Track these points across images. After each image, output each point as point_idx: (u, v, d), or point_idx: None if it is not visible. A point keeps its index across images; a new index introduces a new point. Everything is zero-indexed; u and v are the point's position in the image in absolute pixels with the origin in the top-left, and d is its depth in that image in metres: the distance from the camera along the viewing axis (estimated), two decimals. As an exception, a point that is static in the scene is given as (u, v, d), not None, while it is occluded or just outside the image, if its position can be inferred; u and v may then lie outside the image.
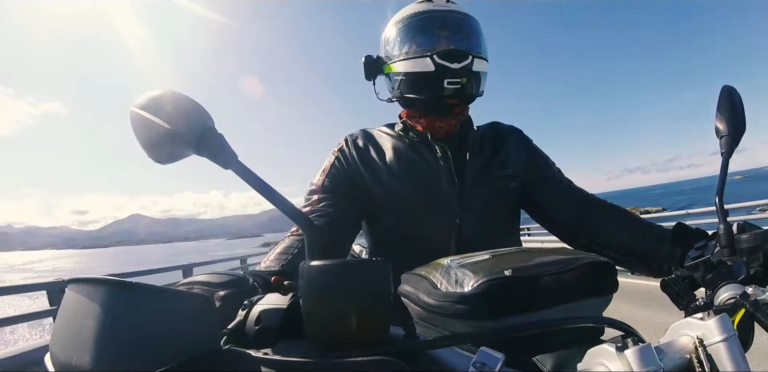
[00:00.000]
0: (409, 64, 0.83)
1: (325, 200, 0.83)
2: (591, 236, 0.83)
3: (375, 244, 0.93)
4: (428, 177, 0.85)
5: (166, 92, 0.41)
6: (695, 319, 0.35)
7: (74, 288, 0.29)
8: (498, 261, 0.41)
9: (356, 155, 0.89)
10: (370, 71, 0.93)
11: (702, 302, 0.49)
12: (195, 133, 0.40)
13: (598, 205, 0.86)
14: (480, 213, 0.84)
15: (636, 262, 0.77)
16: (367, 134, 0.93)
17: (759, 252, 0.53)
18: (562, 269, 0.40)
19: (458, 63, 0.79)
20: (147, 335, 0.26)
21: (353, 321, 0.30)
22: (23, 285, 5.42)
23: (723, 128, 0.62)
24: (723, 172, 0.60)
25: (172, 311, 0.28)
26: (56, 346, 0.29)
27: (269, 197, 0.39)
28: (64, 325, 0.29)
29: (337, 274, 0.31)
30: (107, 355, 0.26)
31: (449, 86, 0.80)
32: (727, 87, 0.64)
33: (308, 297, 0.31)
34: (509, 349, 0.32)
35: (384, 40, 0.91)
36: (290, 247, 0.74)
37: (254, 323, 0.38)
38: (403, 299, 0.45)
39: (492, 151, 0.90)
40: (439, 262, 0.44)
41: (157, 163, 0.43)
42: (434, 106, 0.86)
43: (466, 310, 0.37)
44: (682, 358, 0.33)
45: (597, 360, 0.31)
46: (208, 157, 0.40)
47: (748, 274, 0.51)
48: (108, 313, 0.26)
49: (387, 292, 0.32)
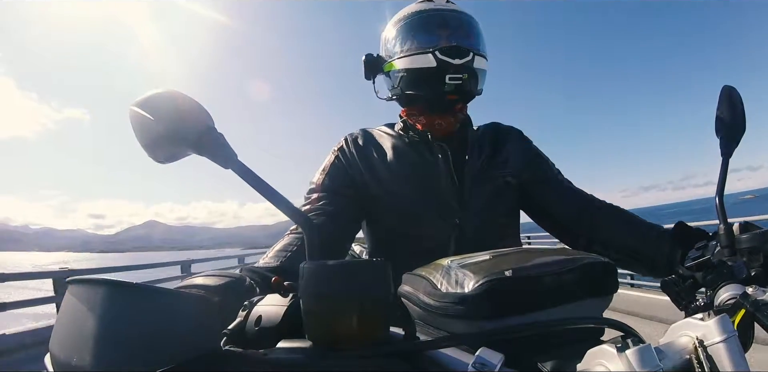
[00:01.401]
0: (410, 61, 0.83)
1: (325, 199, 0.83)
2: (591, 236, 0.83)
3: (374, 243, 0.93)
4: (428, 176, 0.85)
5: (167, 92, 0.41)
6: (695, 320, 0.35)
7: (74, 289, 0.29)
8: (498, 261, 0.41)
9: (356, 154, 0.89)
10: (369, 70, 0.93)
11: (702, 302, 0.49)
12: (195, 133, 0.40)
13: (598, 205, 0.86)
14: (479, 213, 0.84)
15: (636, 262, 0.77)
16: (366, 133, 0.93)
17: (759, 252, 0.53)
18: (562, 270, 0.40)
19: (460, 59, 0.80)
20: (147, 336, 0.26)
21: (353, 321, 0.30)
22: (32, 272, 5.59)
23: (723, 128, 0.62)
24: (723, 172, 0.60)
25: (172, 312, 0.28)
26: (56, 347, 0.29)
27: (269, 196, 0.39)
28: (64, 325, 0.29)
29: (338, 274, 0.31)
30: (107, 355, 0.26)
31: (450, 82, 0.80)
32: (728, 87, 0.64)
33: (308, 297, 0.31)
34: (509, 349, 0.32)
35: (384, 39, 0.92)
36: (289, 245, 0.74)
37: (254, 324, 0.38)
38: (403, 300, 0.45)
39: (492, 151, 0.90)
40: (440, 263, 0.44)
41: (157, 163, 0.43)
42: (435, 102, 0.86)
43: (466, 310, 0.37)
44: (682, 359, 0.33)
45: (597, 360, 0.31)
46: (208, 156, 0.40)
47: (749, 274, 0.51)
48: (108, 313, 0.26)
49: (387, 292, 0.32)
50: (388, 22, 0.92)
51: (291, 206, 0.40)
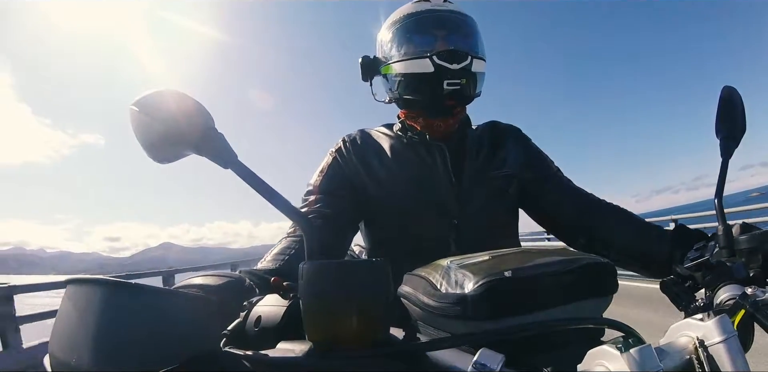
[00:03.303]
0: (407, 65, 0.82)
1: (323, 201, 0.83)
2: (590, 236, 0.83)
3: (373, 244, 0.93)
4: (426, 177, 0.85)
5: (167, 91, 0.41)
6: (695, 320, 0.35)
7: (73, 288, 0.29)
8: (498, 262, 0.41)
9: (354, 155, 0.88)
10: (366, 72, 0.92)
11: (702, 303, 0.49)
12: (195, 133, 0.39)
13: (598, 205, 0.86)
14: (478, 213, 0.84)
15: (635, 262, 0.77)
16: (364, 134, 0.93)
17: (758, 253, 0.53)
18: (562, 270, 0.40)
19: (457, 64, 0.79)
20: (146, 336, 0.26)
21: (353, 321, 0.30)
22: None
23: (723, 129, 0.62)
24: (722, 173, 0.60)
25: (172, 312, 0.28)
26: (55, 346, 0.29)
27: (269, 197, 0.39)
28: (63, 325, 0.29)
29: (337, 274, 0.31)
30: (107, 355, 0.26)
31: (448, 87, 0.79)
32: (728, 87, 0.64)
33: (308, 297, 0.31)
34: (509, 349, 0.32)
35: (381, 41, 0.90)
36: (288, 248, 0.73)
37: (254, 324, 0.38)
38: (403, 300, 0.45)
39: (490, 151, 0.90)
40: (439, 263, 0.44)
41: (157, 163, 0.43)
42: (433, 107, 0.85)
43: (466, 311, 0.37)
44: (683, 359, 0.33)
45: (597, 361, 0.31)
46: (208, 156, 0.40)
47: (748, 275, 0.51)
48: (107, 313, 0.26)
49: (386, 292, 0.32)
50: (384, 23, 0.90)
51: (290, 206, 0.40)
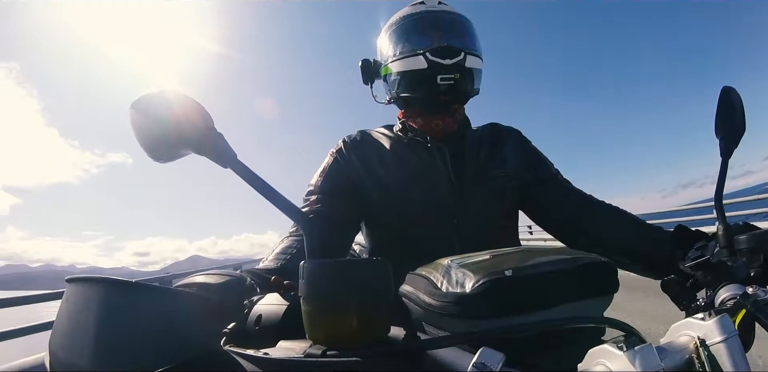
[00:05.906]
0: (403, 64, 0.84)
1: (323, 201, 0.83)
2: (590, 237, 0.83)
3: (374, 244, 0.93)
4: (426, 177, 0.85)
5: (166, 91, 0.41)
6: (696, 320, 0.35)
7: (73, 287, 0.29)
8: (498, 261, 0.41)
9: (354, 156, 0.89)
10: (367, 75, 0.95)
11: (702, 302, 0.49)
12: (195, 133, 0.39)
13: (598, 205, 0.87)
14: (479, 213, 0.84)
15: (636, 262, 0.77)
16: (365, 135, 0.94)
17: (759, 252, 0.53)
18: (563, 269, 0.40)
19: (450, 59, 0.80)
20: (146, 335, 0.26)
21: (353, 320, 0.30)
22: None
23: (722, 129, 0.62)
24: (722, 173, 0.60)
25: (172, 311, 0.28)
26: (55, 346, 0.29)
27: (269, 196, 0.39)
28: (63, 324, 0.29)
29: (338, 273, 0.31)
30: (106, 355, 0.25)
31: (442, 82, 0.81)
32: (727, 87, 0.64)
33: (308, 296, 0.31)
34: (510, 348, 0.32)
35: (379, 44, 0.93)
36: (289, 248, 0.74)
37: (254, 323, 0.38)
38: (403, 299, 0.45)
39: (490, 152, 0.90)
40: (440, 262, 0.44)
41: (157, 163, 0.43)
42: (430, 103, 0.86)
43: (466, 310, 0.37)
44: (683, 358, 0.33)
45: (598, 360, 0.31)
46: (207, 156, 0.40)
47: (749, 274, 0.51)
48: (107, 312, 0.26)
49: (387, 291, 0.32)
50: (384, 27, 0.92)
51: (290, 205, 0.40)
